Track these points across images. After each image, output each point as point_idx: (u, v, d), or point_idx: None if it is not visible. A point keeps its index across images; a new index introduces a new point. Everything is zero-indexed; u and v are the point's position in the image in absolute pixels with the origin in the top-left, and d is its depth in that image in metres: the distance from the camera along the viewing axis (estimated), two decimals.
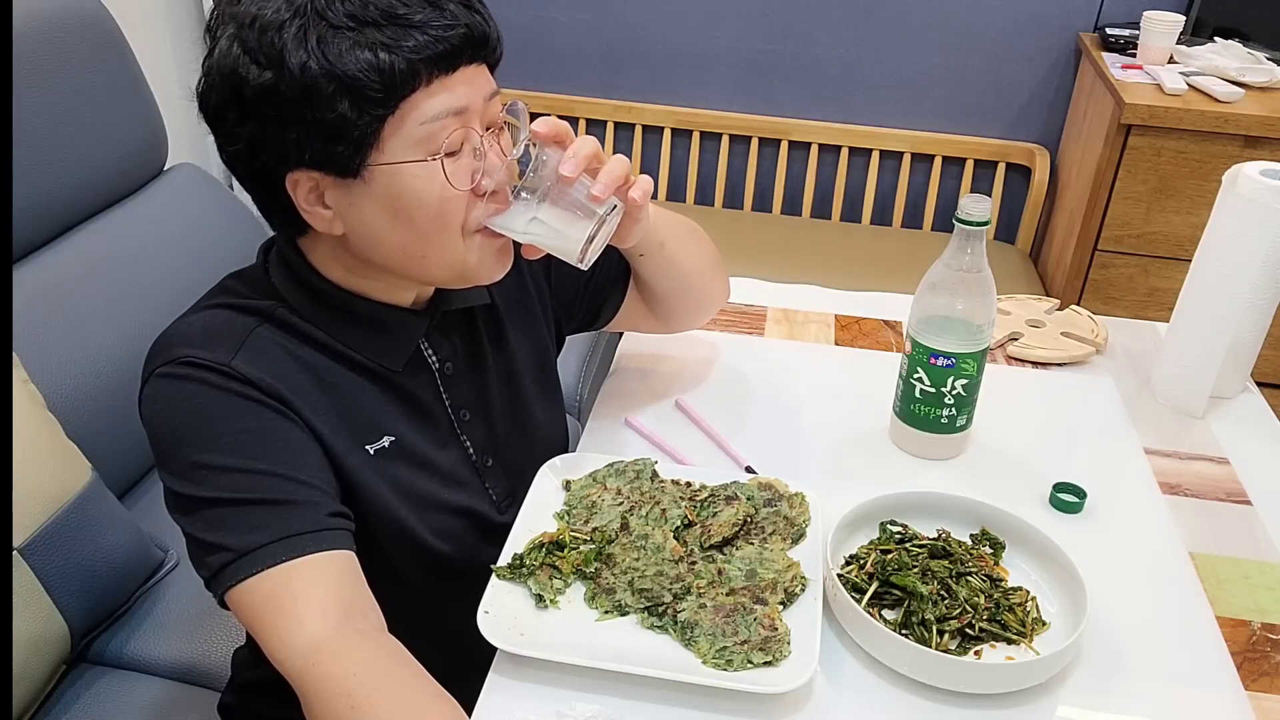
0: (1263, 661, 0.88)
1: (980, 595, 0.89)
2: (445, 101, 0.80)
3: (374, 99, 0.76)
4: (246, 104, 0.77)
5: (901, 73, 2.58)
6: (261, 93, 0.76)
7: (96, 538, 1.18)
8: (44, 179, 1.34)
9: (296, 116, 0.77)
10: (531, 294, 1.07)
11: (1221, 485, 1.09)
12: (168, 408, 0.83)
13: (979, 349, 1.05)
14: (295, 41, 0.75)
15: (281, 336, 0.87)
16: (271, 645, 0.77)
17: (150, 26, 2.32)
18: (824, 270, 2.32)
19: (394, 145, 0.79)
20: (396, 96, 0.77)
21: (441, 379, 0.96)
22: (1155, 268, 2.22)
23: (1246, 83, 2.15)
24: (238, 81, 0.77)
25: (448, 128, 0.80)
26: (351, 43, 0.75)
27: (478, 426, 0.99)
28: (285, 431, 0.83)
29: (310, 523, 0.80)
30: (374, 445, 0.90)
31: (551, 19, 2.66)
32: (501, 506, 1.01)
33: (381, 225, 0.83)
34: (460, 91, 0.81)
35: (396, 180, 0.80)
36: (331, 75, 0.75)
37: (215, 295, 0.90)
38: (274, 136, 0.78)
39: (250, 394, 0.82)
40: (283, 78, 0.75)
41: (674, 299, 1.13)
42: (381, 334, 0.91)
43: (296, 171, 0.80)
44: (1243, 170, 1.12)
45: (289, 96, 0.76)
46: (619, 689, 0.82)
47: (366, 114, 0.77)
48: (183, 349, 0.83)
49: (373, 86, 0.76)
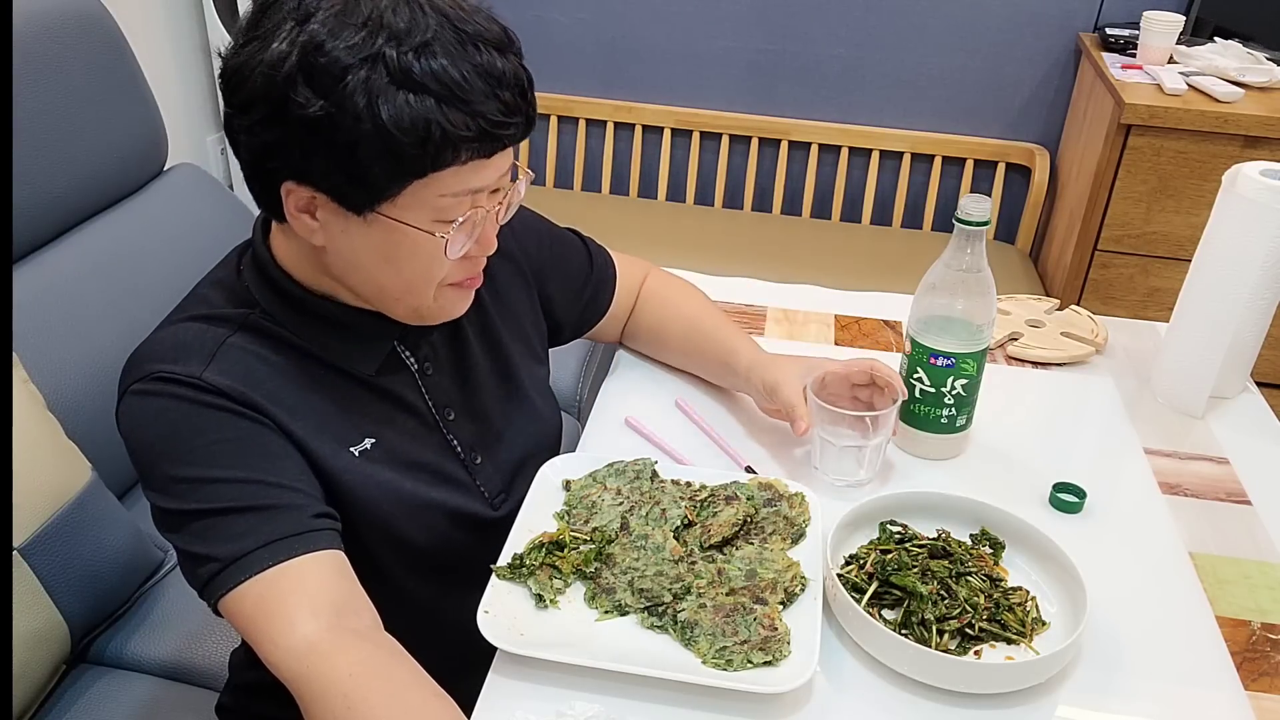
0: (1263, 661, 0.88)
1: (980, 595, 0.89)
2: (471, 181, 0.80)
3: (411, 166, 0.77)
4: (287, 119, 0.76)
5: (901, 73, 2.58)
6: (306, 119, 0.75)
7: (96, 538, 1.18)
8: (44, 179, 1.34)
9: (331, 153, 0.76)
10: (522, 290, 1.07)
11: (1221, 485, 1.09)
12: (142, 424, 0.83)
13: (979, 349, 1.05)
14: (359, 88, 0.74)
15: (255, 344, 0.87)
16: (266, 650, 0.77)
17: (150, 26, 2.32)
18: (824, 270, 2.32)
19: (408, 204, 0.79)
20: (433, 167, 0.77)
21: (422, 379, 0.96)
22: (1155, 268, 2.23)
23: (1246, 83, 2.15)
24: (285, 97, 0.75)
25: (464, 204, 0.81)
26: (411, 108, 0.74)
27: (464, 425, 0.99)
28: (262, 438, 0.83)
29: (294, 525, 0.80)
30: (357, 447, 0.90)
31: (551, 19, 2.66)
32: (495, 503, 1.01)
33: (366, 263, 0.84)
34: (488, 174, 0.81)
35: (398, 234, 0.81)
36: (383, 133, 0.74)
37: (186, 308, 0.89)
38: (297, 155, 0.78)
39: (223, 404, 0.82)
40: (336, 119, 0.74)
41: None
42: (352, 338, 0.91)
43: (301, 187, 0.80)
44: (1243, 170, 1.12)
45: (332, 134, 0.75)
46: (619, 689, 0.82)
47: (398, 173, 0.77)
48: (153, 365, 0.83)
49: (414, 154, 0.76)
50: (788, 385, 1.06)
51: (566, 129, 2.79)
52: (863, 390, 1.06)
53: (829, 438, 1.01)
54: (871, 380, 1.06)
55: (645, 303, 1.22)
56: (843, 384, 1.05)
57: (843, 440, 1.01)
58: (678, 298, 1.22)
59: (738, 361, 1.13)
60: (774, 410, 1.10)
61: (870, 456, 1.02)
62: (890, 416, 1.01)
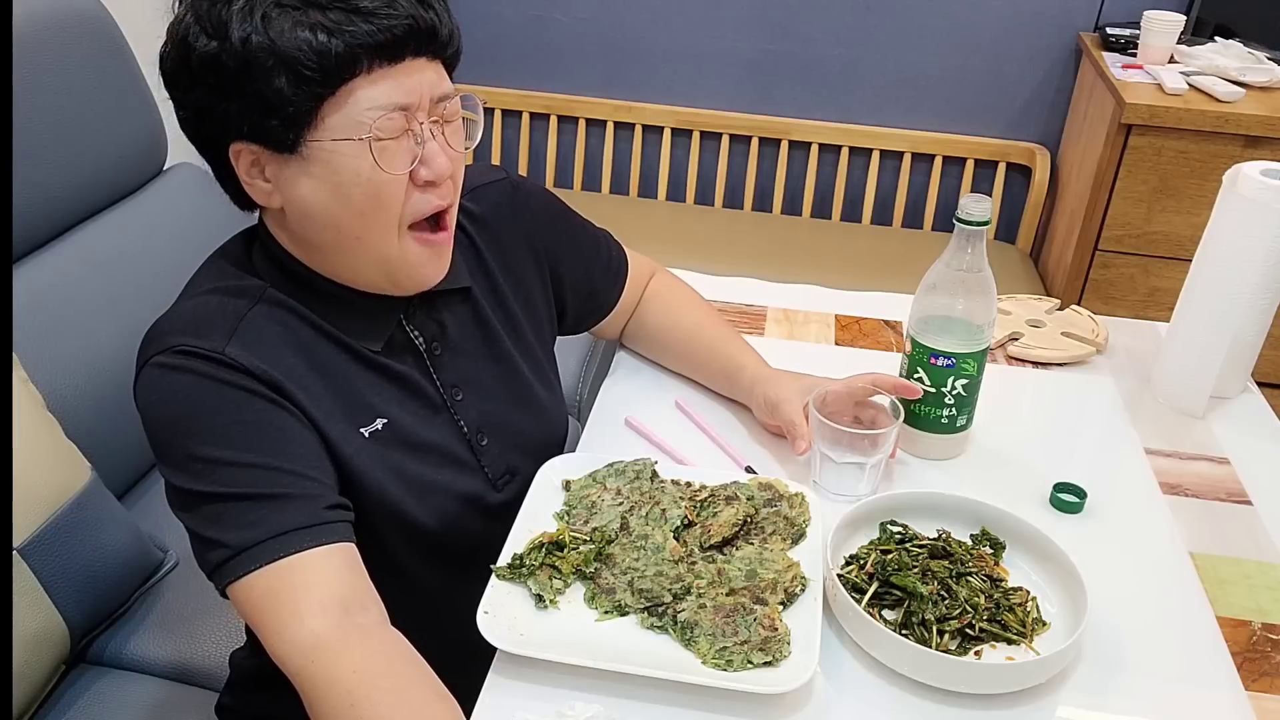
0: (1263, 661, 0.88)
1: (980, 595, 0.88)
2: (388, 93, 0.81)
3: (311, 78, 0.78)
4: (193, 72, 0.80)
5: (901, 73, 2.58)
6: (205, 61, 0.78)
7: (96, 538, 1.18)
8: (44, 179, 1.34)
9: (236, 88, 0.78)
10: (535, 271, 1.07)
11: (1222, 485, 1.09)
12: (162, 399, 0.83)
13: (979, 349, 1.05)
14: (241, 15, 0.77)
15: (275, 316, 0.87)
16: (271, 642, 0.77)
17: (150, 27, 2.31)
18: (824, 270, 2.32)
19: (332, 125, 0.80)
20: (335, 79, 0.78)
21: (430, 358, 0.96)
22: (1155, 268, 2.22)
23: (1247, 82, 2.15)
24: (186, 49, 0.79)
25: (389, 118, 0.81)
26: (294, 21, 0.77)
27: (471, 405, 0.99)
28: (281, 421, 0.83)
29: (307, 517, 0.80)
30: (368, 428, 0.90)
31: (551, 19, 2.66)
32: (499, 484, 1.01)
33: (317, 202, 0.83)
34: (406, 85, 0.82)
35: (334, 159, 0.81)
36: (271, 51, 0.77)
37: (204, 280, 0.90)
38: (217, 106, 0.80)
39: (244, 383, 0.82)
40: (225, 49, 0.77)
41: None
42: (357, 315, 0.91)
43: (238, 143, 0.82)
44: (1243, 170, 1.12)
45: (230, 68, 0.78)
46: (619, 689, 0.82)
47: (303, 92, 0.78)
48: (175, 337, 0.83)
49: (310, 66, 0.77)
50: (789, 403, 1.06)
51: (566, 129, 2.78)
52: (865, 410, 1.06)
53: (830, 454, 1.01)
54: (873, 398, 1.06)
55: (648, 304, 1.22)
56: (845, 401, 1.05)
57: (843, 457, 1.01)
58: (682, 304, 1.22)
59: (741, 375, 1.13)
60: (774, 426, 1.10)
61: (870, 474, 1.02)
62: (891, 435, 1.01)
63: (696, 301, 1.23)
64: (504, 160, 2.83)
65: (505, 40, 2.68)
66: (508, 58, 2.70)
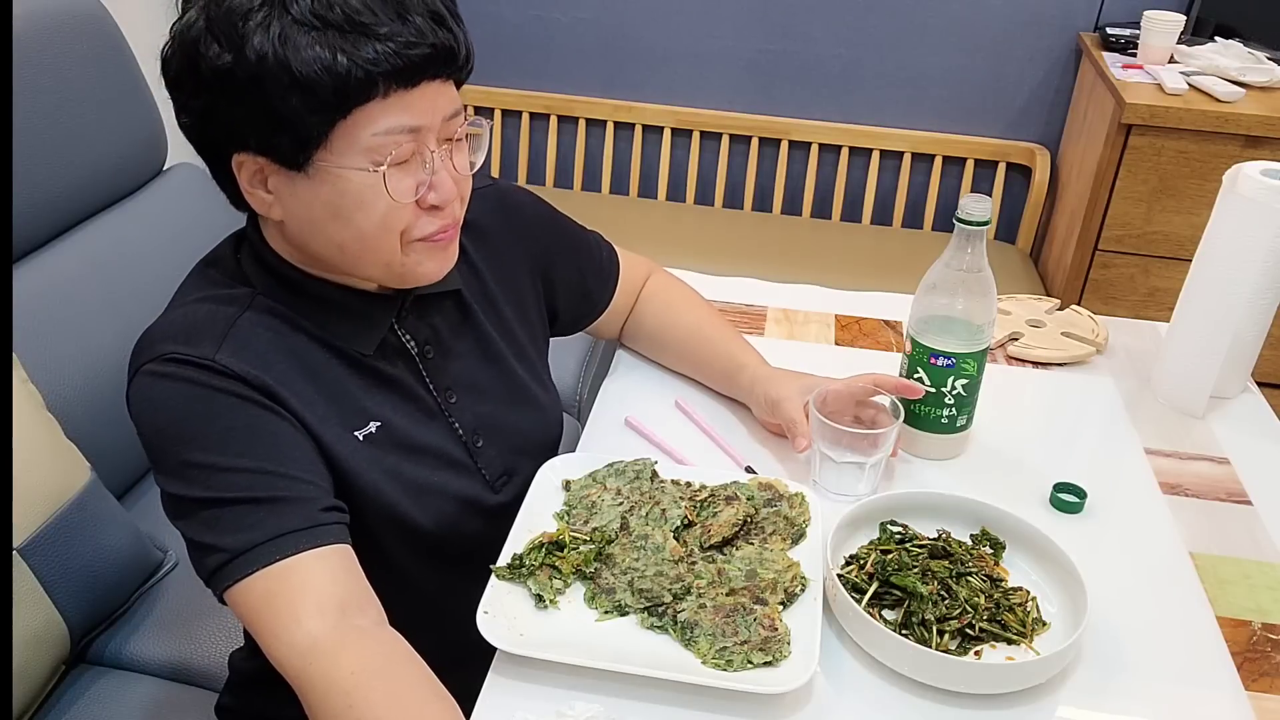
0: (1263, 661, 0.88)
1: (980, 595, 0.88)
2: (401, 117, 0.80)
3: (324, 100, 0.77)
4: (202, 79, 0.78)
5: (901, 73, 2.58)
6: (216, 72, 0.77)
7: (96, 538, 1.18)
8: (44, 179, 1.34)
9: (246, 102, 0.77)
10: (527, 274, 1.07)
11: (1222, 485, 1.09)
12: (154, 407, 0.83)
13: (979, 349, 1.05)
14: (258, 30, 0.75)
15: (265, 322, 0.87)
16: (269, 645, 0.77)
17: (150, 27, 2.31)
18: (824, 270, 2.32)
19: (342, 148, 0.79)
20: (350, 102, 0.77)
21: (422, 362, 0.96)
22: (1155, 268, 2.22)
23: (1247, 82, 2.14)
24: (196, 56, 0.78)
25: (399, 142, 0.80)
26: (311, 40, 0.75)
27: (465, 408, 0.99)
28: (273, 426, 0.83)
29: (303, 519, 0.80)
30: (362, 431, 0.90)
31: (551, 19, 2.66)
32: (496, 486, 1.01)
33: (320, 220, 0.83)
34: (419, 109, 0.81)
35: (340, 181, 0.81)
36: (287, 69, 0.75)
37: (193, 288, 0.90)
38: (224, 115, 0.79)
39: (236, 389, 0.82)
40: (239, 62, 0.76)
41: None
42: (348, 318, 0.91)
43: (243, 154, 0.81)
44: (1243, 170, 1.12)
45: (241, 81, 0.77)
46: (619, 689, 0.82)
47: (316, 113, 0.77)
48: (166, 345, 0.83)
49: (325, 88, 0.76)
50: (789, 401, 1.06)
51: (566, 129, 2.78)
52: (865, 410, 1.06)
53: (829, 454, 1.01)
54: (874, 397, 1.06)
55: (647, 303, 1.22)
56: (845, 401, 1.05)
57: (843, 457, 1.01)
58: (681, 303, 1.22)
59: (741, 374, 1.13)
60: (774, 425, 1.10)
61: (870, 474, 1.02)
62: (891, 435, 1.01)
63: (695, 300, 1.23)
64: (504, 160, 2.83)
65: (505, 40, 2.68)
66: (507, 58, 2.70)
